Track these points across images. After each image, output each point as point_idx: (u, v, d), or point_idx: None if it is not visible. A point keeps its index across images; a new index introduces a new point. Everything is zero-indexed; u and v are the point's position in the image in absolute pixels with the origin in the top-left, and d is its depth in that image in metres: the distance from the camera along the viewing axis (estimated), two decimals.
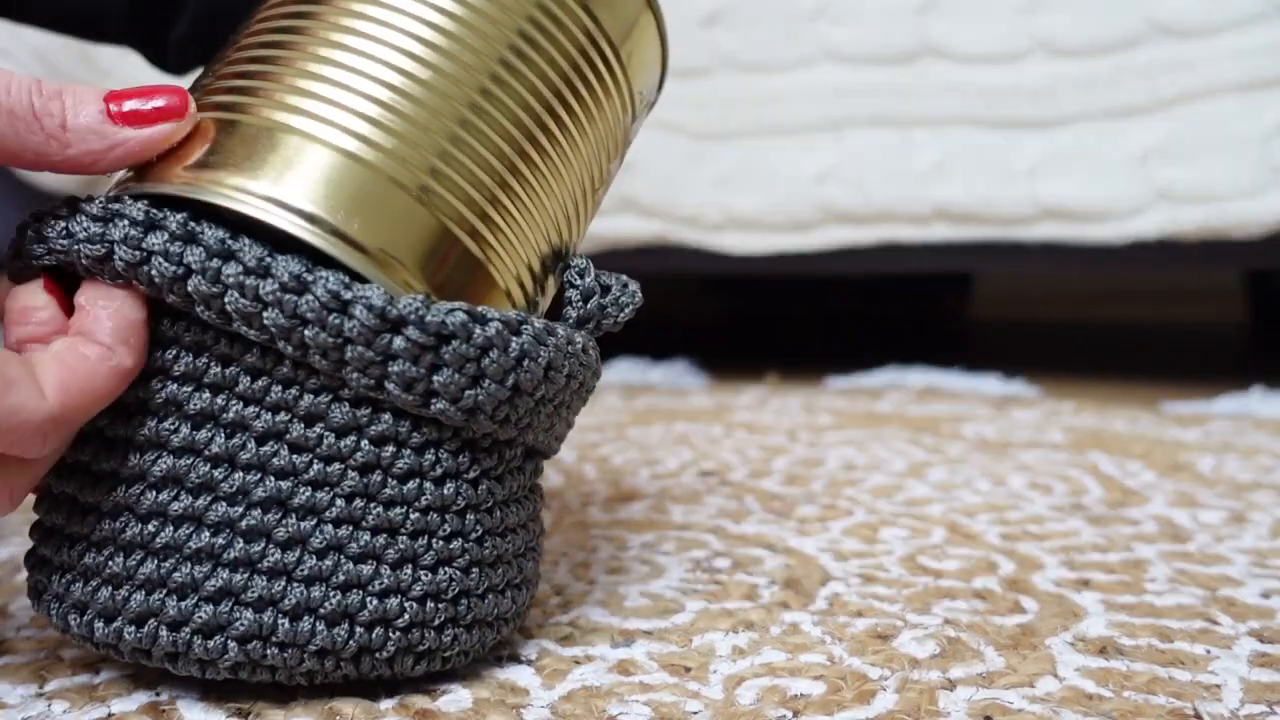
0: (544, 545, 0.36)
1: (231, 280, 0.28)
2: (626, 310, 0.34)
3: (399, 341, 0.28)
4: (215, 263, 0.28)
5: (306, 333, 0.28)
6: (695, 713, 0.30)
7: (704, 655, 0.34)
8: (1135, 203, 0.80)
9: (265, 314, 0.28)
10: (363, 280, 0.28)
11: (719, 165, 0.88)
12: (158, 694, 0.31)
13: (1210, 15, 0.78)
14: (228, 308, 0.28)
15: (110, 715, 0.30)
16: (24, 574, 0.42)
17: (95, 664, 0.34)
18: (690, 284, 1.65)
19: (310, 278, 0.28)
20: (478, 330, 0.29)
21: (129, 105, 0.29)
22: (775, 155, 0.87)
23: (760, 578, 0.41)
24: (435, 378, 0.29)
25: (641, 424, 0.75)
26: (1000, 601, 0.39)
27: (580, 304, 0.34)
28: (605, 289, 0.34)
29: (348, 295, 0.28)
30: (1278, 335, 1.33)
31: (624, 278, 0.35)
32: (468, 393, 0.29)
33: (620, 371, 0.98)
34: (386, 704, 0.31)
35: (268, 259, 0.28)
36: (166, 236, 0.28)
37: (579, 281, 0.34)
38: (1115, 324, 1.52)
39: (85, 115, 0.28)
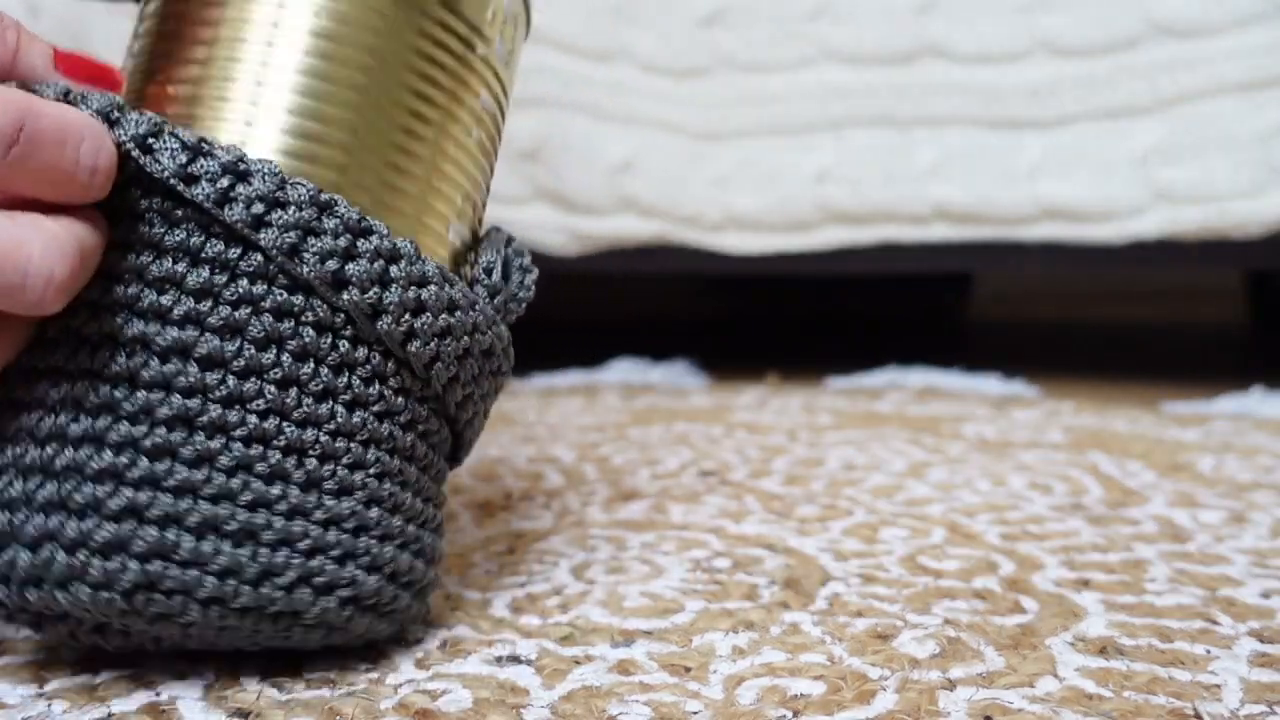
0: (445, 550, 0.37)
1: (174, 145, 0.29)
2: (524, 305, 0.36)
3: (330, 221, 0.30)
4: (159, 123, 0.29)
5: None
6: (695, 713, 0.30)
7: (704, 655, 0.34)
8: (1135, 203, 0.80)
9: (200, 160, 0.29)
10: None
11: (719, 165, 0.88)
12: (158, 694, 0.31)
13: (1210, 15, 0.78)
14: (155, 145, 0.29)
15: (110, 715, 0.30)
16: None
17: (95, 664, 0.34)
18: (690, 284, 1.65)
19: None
20: (390, 237, 0.31)
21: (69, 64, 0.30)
22: (775, 155, 0.87)
23: (760, 578, 0.41)
24: (349, 265, 0.30)
25: (641, 424, 0.75)
26: (1000, 601, 0.39)
27: (488, 296, 0.35)
28: (509, 284, 0.35)
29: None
30: (1278, 335, 1.33)
31: (525, 262, 0.36)
32: (374, 289, 0.30)
33: (620, 371, 0.98)
34: (386, 704, 0.31)
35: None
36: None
37: (488, 280, 0.35)
38: (1115, 324, 1.52)
39: (35, 54, 0.29)
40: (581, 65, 0.87)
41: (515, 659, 0.34)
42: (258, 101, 0.30)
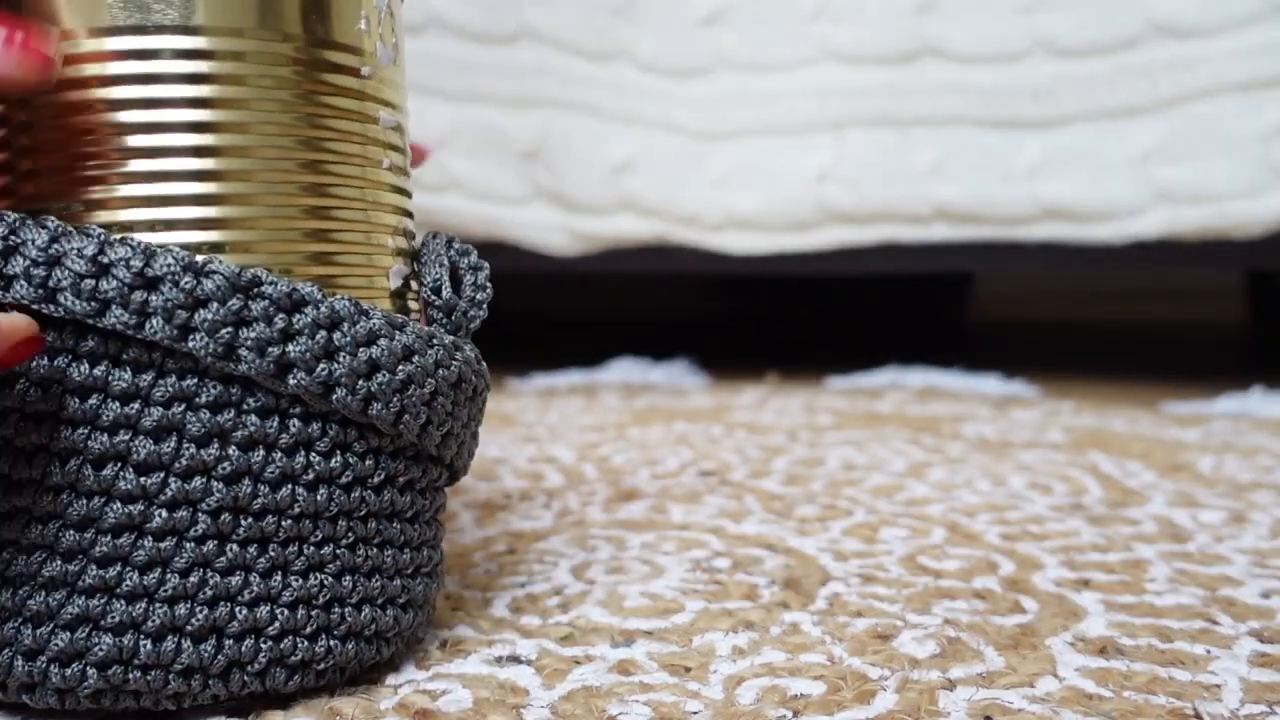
0: (445, 577, 0.35)
1: (70, 254, 0.27)
2: (484, 308, 0.34)
3: (256, 306, 0.28)
4: (55, 248, 0.27)
5: (153, 299, 0.27)
6: (695, 713, 0.30)
7: (704, 655, 0.34)
8: (1135, 203, 0.80)
9: (103, 281, 0.27)
10: None
11: (719, 165, 0.88)
12: None
13: (1210, 15, 0.78)
14: (55, 281, 0.27)
15: (110, 715, 0.30)
16: None
17: None
18: (690, 284, 1.65)
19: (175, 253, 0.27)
20: (326, 302, 0.29)
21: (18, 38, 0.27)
22: (775, 155, 0.87)
23: (760, 578, 0.41)
24: (290, 347, 0.28)
25: (641, 424, 0.75)
26: (1000, 601, 0.39)
27: (445, 319, 0.33)
28: (461, 295, 0.33)
29: (200, 260, 0.28)
30: (1278, 335, 1.33)
31: (473, 260, 0.34)
32: (322, 365, 0.29)
33: (620, 371, 0.98)
34: (386, 704, 0.31)
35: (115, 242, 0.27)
36: None
37: (439, 300, 0.33)
38: (1115, 324, 1.52)
39: None
40: (581, 65, 0.87)
41: (515, 659, 0.34)
42: (156, 193, 0.28)
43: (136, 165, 0.28)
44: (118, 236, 0.28)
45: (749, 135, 0.88)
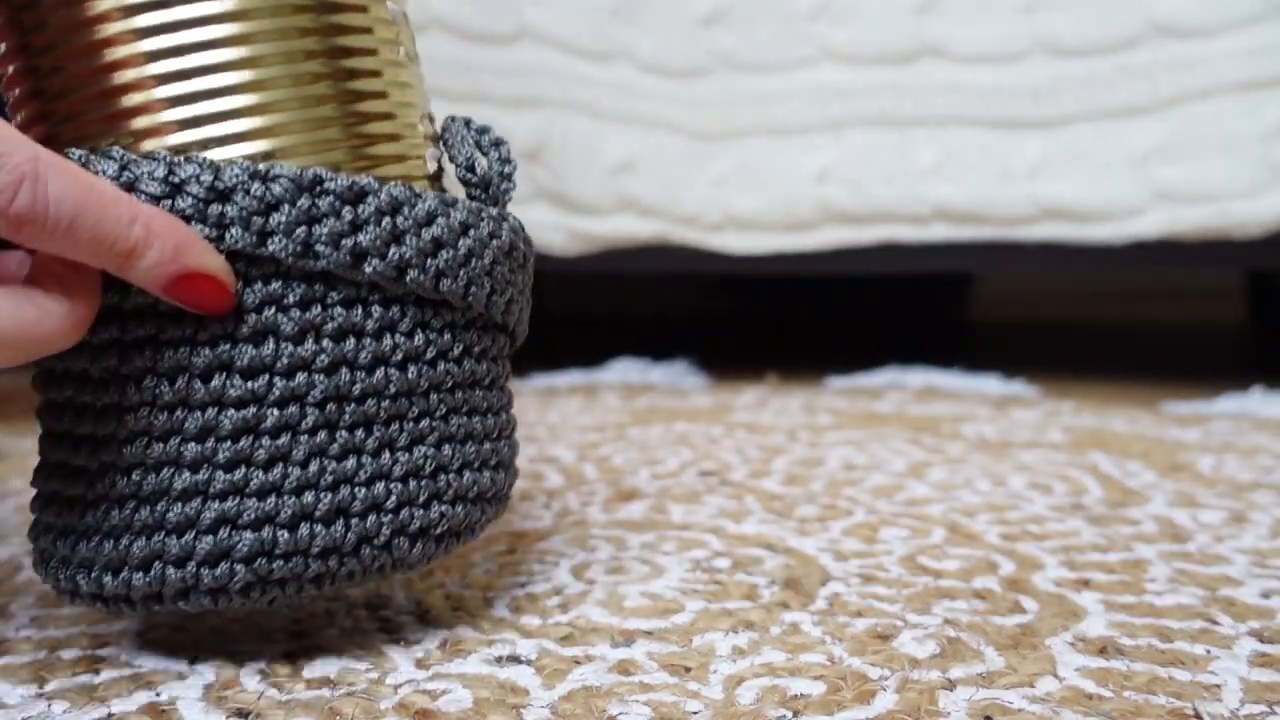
0: (518, 441, 0.38)
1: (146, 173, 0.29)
2: (513, 179, 0.35)
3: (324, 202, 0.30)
4: (126, 175, 0.29)
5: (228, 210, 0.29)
6: (695, 713, 0.30)
7: (704, 655, 0.34)
8: (1135, 203, 0.80)
9: (179, 199, 0.29)
10: None
11: (719, 165, 0.88)
12: (158, 694, 0.31)
13: (1210, 15, 0.78)
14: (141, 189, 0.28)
15: (110, 715, 0.30)
16: (24, 573, 0.42)
17: (95, 664, 0.34)
18: (690, 284, 1.65)
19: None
20: (384, 189, 0.30)
21: (196, 284, 0.29)
22: (775, 155, 0.87)
23: (760, 578, 0.41)
24: (360, 237, 0.30)
25: (641, 424, 0.75)
26: (1000, 601, 0.39)
27: (482, 193, 0.35)
28: (491, 169, 0.35)
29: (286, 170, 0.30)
30: (1278, 335, 1.33)
31: (493, 136, 0.36)
32: (392, 250, 0.30)
33: (620, 371, 0.98)
34: (386, 704, 0.31)
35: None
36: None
37: (473, 177, 0.34)
38: (1115, 324, 1.52)
39: (150, 262, 0.28)
40: (581, 65, 0.87)
41: (515, 659, 0.34)
42: (196, 113, 0.30)
43: (171, 90, 0.29)
44: (181, 156, 0.29)
45: (749, 135, 0.88)
